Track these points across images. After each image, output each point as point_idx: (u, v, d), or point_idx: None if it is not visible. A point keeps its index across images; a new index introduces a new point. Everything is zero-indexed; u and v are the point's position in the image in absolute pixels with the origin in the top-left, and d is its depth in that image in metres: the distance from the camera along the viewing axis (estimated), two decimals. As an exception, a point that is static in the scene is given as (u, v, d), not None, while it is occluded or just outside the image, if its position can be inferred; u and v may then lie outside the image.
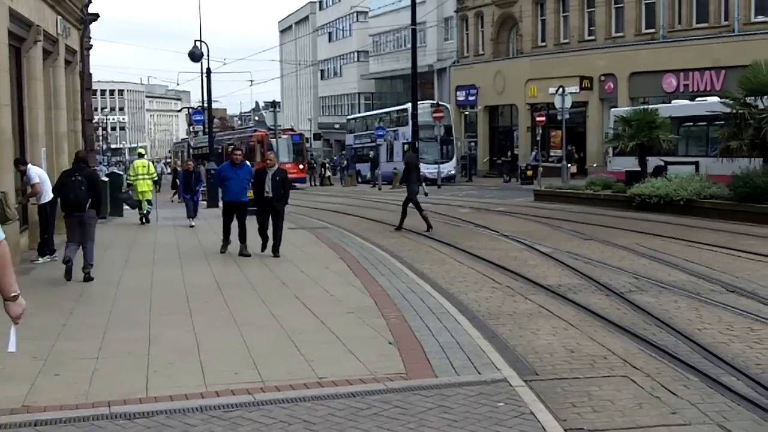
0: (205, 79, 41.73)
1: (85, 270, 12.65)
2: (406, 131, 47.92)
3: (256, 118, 70.06)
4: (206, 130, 45.79)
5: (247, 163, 16.62)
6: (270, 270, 13.58)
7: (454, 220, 23.48)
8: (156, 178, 25.61)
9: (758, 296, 10.96)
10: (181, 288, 11.88)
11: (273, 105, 36.76)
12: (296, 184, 46.17)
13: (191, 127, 51.17)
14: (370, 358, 7.64)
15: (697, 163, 27.33)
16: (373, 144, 51.43)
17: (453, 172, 49.02)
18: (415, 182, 20.70)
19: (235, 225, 15.82)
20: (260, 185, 15.13)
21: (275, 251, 14.97)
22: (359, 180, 54.97)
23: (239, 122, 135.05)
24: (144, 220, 23.33)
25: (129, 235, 19.56)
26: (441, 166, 45.94)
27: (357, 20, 74.13)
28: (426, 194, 22.09)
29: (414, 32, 46.54)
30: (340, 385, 6.86)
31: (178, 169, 35.86)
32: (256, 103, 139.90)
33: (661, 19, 41.32)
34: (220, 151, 51.47)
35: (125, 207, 25.15)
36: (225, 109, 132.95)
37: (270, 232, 15.31)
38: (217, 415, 6.19)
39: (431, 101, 51.91)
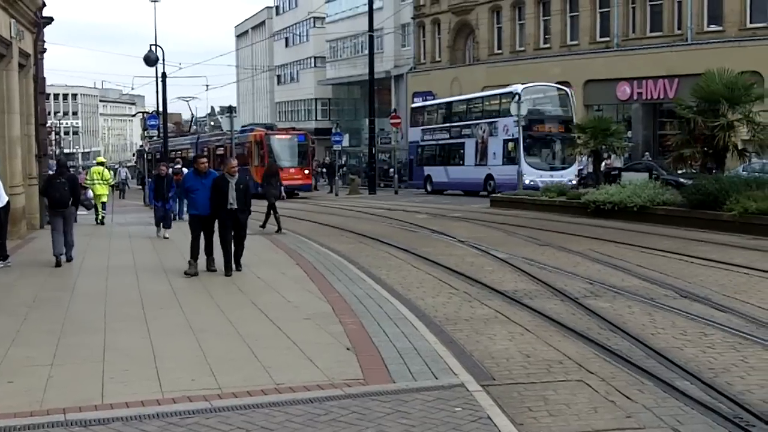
0: (160, 84, 41.44)
1: (67, 254, 15.33)
2: (509, 123, 36.30)
3: (212, 123, 69.38)
4: (161, 134, 45.34)
5: (214, 171, 14.87)
6: (226, 276, 13.49)
7: (411, 226, 23.54)
8: (112, 183, 27.28)
9: (711, 301, 11.12)
10: (136, 294, 11.76)
11: (229, 110, 36.68)
12: (299, 192, 42.18)
13: (145, 132, 47.01)
14: (327, 364, 7.63)
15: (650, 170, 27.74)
16: (455, 140, 41.72)
17: (574, 182, 34.62)
18: (275, 188, 22.07)
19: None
20: (222, 196, 13.67)
21: (238, 264, 13.93)
22: (428, 189, 43.87)
23: (195, 127, 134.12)
24: (99, 221, 24.69)
25: (84, 241, 19.31)
26: (557, 173, 35.56)
27: (314, 26, 74.06)
28: (284, 198, 23.38)
29: (371, 38, 46.72)
30: (297, 391, 6.84)
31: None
32: (212, 107, 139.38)
33: (616, 28, 41.90)
34: (206, 154, 48.68)
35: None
36: (180, 114, 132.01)
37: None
38: (174, 422, 6.14)
39: (545, 83, 39.26)
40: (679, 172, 27.10)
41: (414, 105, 48.64)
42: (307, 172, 44.04)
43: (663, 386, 7.24)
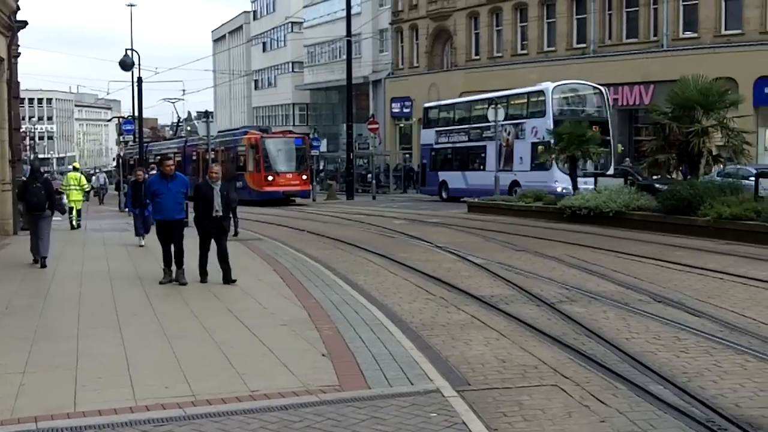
0: (136, 89, 41.28)
1: (42, 257, 15.68)
2: (540, 125, 33.13)
3: (188, 128, 68.96)
4: (136, 139, 45.07)
5: (180, 174, 14.22)
6: (201, 282, 13.43)
7: (389, 231, 23.54)
8: (87, 189, 27.58)
9: (685, 306, 11.19)
10: (110, 301, 11.69)
11: (206, 115, 36.51)
12: (296, 199, 41.36)
13: (121, 137, 45.86)
14: (303, 371, 7.61)
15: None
16: (475, 143, 38.09)
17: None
18: (235, 192, 21.71)
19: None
20: (207, 203, 13.04)
21: (229, 277, 13.17)
22: (444, 197, 40.64)
23: (171, 132, 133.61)
24: (75, 226, 25.11)
25: (58, 247, 19.17)
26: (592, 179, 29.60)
27: (291, 31, 74.01)
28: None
29: (349, 44, 46.72)
30: (272, 398, 6.82)
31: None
32: (188, 112, 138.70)
33: (592, 34, 42.16)
34: (195, 158, 46.74)
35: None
36: (156, 119, 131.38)
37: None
38: (147, 429, 6.11)
39: (578, 81, 35.73)
40: (654, 177, 27.25)
41: (428, 104, 44.31)
42: (305, 177, 41.78)
43: (637, 390, 7.28)
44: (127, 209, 23.31)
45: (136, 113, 44.88)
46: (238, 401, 6.75)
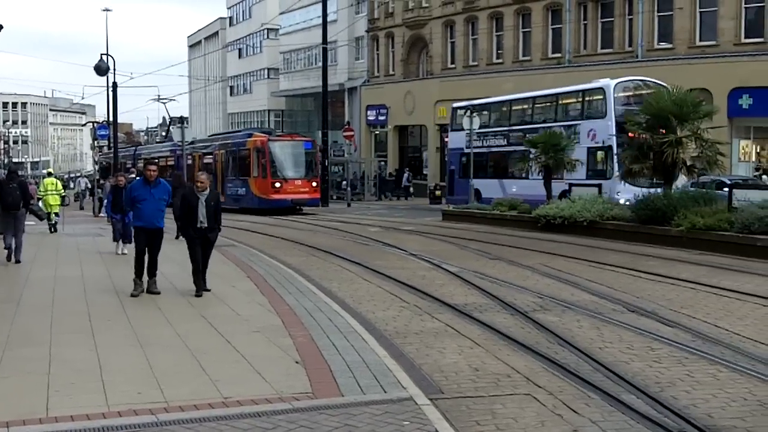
0: (110, 94, 41.08)
1: (16, 256, 17.09)
2: (598, 128, 29.52)
3: (164, 133, 68.56)
4: (111, 144, 44.79)
5: (163, 180, 13.58)
6: (175, 288, 13.36)
7: (364, 239, 23.53)
8: (63, 194, 28.50)
9: (658, 316, 11.25)
10: (83, 306, 11.59)
11: (181, 120, 36.36)
12: (302, 207, 38.68)
13: (95, 142, 44.63)
14: (276, 378, 7.58)
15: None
16: (516, 147, 32.46)
17: None
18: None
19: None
20: (191, 213, 12.56)
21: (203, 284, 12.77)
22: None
23: (145, 137, 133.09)
24: (52, 230, 25.69)
25: (32, 251, 19.00)
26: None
27: (267, 37, 73.87)
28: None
29: (325, 51, 46.72)
30: (245, 404, 6.78)
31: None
32: (164, 118, 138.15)
33: (568, 44, 42.42)
34: (190, 162, 42.99)
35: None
36: (131, 124, 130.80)
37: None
38: (119, 436, 6.06)
39: (642, 77, 31.18)
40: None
41: (458, 104, 39.01)
42: (314, 184, 39.19)
43: (610, 400, 7.30)
44: (106, 215, 22.65)
45: (111, 118, 44.66)
46: (211, 408, 6.72)
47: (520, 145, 31.20)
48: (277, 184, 37.88)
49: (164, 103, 48.38)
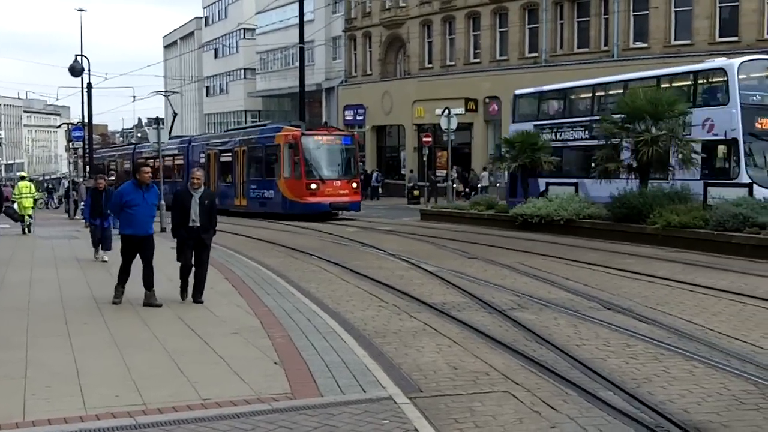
0: (85, 95, 40.84)
1: None
2: (717, 116, 23.88)
3: (139, 134, 68.14)
4: (86, 146, 44.49)
5: (154, 184, 12.59)
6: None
7: (342, 239, 23.54)
8: (36, 197, 29.50)
9: (634, 313, 11.35)
10: (59, 309, 11.52)
11: (156, 121, 36.11)
12: (340, 212, 34.17)
13: (70, 144, 44.00)
14: (255, 379, 7.58)
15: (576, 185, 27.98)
16: (603, 141, 24.92)
17: None
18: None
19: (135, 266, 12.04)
20: (184, 212, 11.91)
21: (199, 294, 12.06)
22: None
23: (121, 139, 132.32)
24: (27, 231, 26.10)
25: (6, 254, 18.88)
26: None
27: (244, 37, 73.65)
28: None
29: (302, 51, 46.54)
30: (224, 406, 6.78)
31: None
32: (139, 119, 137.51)
33: (544, 44, 42.56)
34: (204, 160, 40.44)
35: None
36: (106, 125, 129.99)
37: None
38: (97, 439, 6.04)
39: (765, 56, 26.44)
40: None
41: (521, 91, 33.88)
42: (355, 185, 34.32)
43: (587, 397, 7.36)
44: (84, 220, 21.40)
45: (86, 119, 44.38)
46: (190, 410, 6.70)
47: (611, 137, 24.52)
48: (313, 186, 33.08)
49: (167, 96, 46.77)
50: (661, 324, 10.55)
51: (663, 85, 26.27)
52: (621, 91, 27.55)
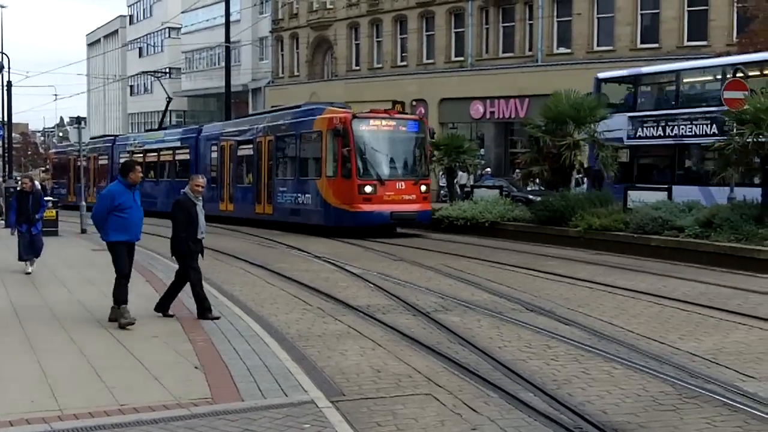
0: (4, 93, 39.88)
1: None
2: None
3: (60, 134, 66.79)
4: (5, 144, 43.44)
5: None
6: (69, 293, 13.03)
7: (269, 241, 23.37)
8: None
9: (555, 314, 11.49)
10: (-27, 312, 11.20)
11: (78, 120, 35.30)
12: (399, 229, 25.62)
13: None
14: (174, 384, 7.46)
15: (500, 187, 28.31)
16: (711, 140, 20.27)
17: None
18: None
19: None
20: (191, 223, 10.88)
21: (208, 310, 10.85)
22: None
23: (42, 138, 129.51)
24: None
25: None
26: None
27: (169, 36, 72.73)
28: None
29: (228, 50, 46.14)
30: (142, 411, 6.66)
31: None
32: (61, 118, 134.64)
33: (470, 48, 42.93)
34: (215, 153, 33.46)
35: None
36: (27, 124, 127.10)
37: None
38: (9, 447, 5.88)
39: None
40: (529, 189, 27.90)
41: (606, 74, 27.78)
42: (424, 188, 25.22)
43: (508, 398, 7.42)
44: (9, 227, 17.34)
45: (5, 118, 43.35)
46: (107, 415, 6.57)
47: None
48: (368, 188, 24.35)
49: (158, 77, 44.16)
50: (581, 326, 10.69)
51: None
52: (760, 72, 22.26)
